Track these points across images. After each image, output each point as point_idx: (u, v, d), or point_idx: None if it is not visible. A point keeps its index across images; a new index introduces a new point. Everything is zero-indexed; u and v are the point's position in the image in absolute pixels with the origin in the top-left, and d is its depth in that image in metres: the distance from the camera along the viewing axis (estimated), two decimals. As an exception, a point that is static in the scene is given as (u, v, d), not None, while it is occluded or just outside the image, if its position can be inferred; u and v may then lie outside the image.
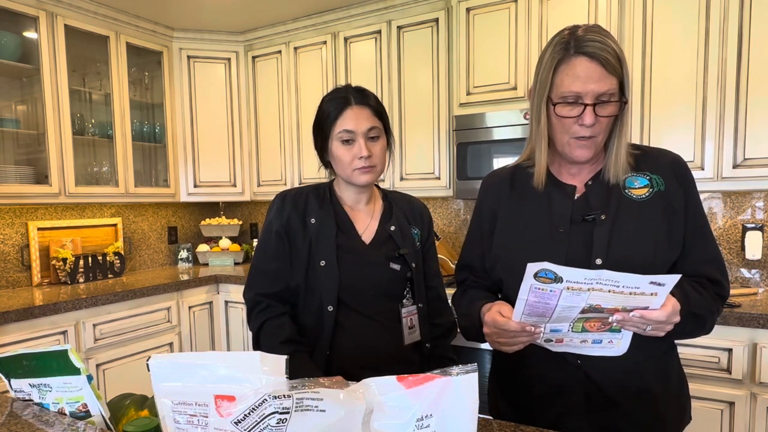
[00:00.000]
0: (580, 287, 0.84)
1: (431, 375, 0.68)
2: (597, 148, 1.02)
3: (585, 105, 0.96)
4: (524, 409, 1.12)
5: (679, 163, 1.06)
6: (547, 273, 0.84)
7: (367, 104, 1.23)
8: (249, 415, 0.65)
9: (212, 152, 3.46)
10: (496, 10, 2.52)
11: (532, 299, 0.88)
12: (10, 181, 2.57)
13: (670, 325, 0.92)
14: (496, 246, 1.13)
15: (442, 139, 2.81)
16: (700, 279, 1.03)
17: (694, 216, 1.04)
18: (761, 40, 2.02)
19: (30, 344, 2.26)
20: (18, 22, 2.62)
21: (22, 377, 0.92)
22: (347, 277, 1.22)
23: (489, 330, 1.00)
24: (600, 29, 0.99)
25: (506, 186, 1.16)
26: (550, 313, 0.90)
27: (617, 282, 0.83)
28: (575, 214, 1.05)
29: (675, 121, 2.18)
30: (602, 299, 0.86)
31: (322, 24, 3.14)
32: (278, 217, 1.27)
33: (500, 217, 1.14)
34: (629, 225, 1.01)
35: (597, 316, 0.91)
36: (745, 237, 2.32)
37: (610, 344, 0.97)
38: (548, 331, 0.95)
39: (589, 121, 0.97)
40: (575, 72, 0.96)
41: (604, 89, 0.95)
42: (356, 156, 1.21)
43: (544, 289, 0.86)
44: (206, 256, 3.66)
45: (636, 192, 1.04)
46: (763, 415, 1.86)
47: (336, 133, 1.23)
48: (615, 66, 0.96)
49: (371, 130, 1.22)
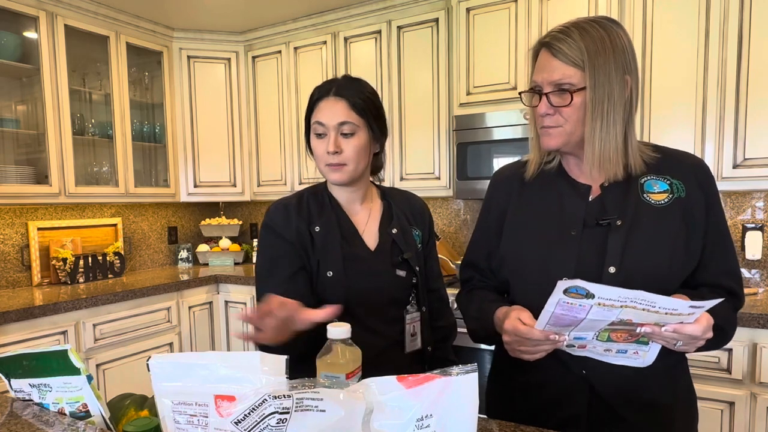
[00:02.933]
0: (612, 304, 0.80)
1: (431, 375, 0.68)
2: (568, 137, 0.99)
3: (541, 94, 0.98)
4: (522, 417, 1.07)
5: (702, 169, 1.02)
6: (579, 289, 0.79)
7: (344, 96, 1.14)
8: (249, 415, 0.65)
9: (212, 152, 3.46)
10: (496, 10, 2.52)
11: (559, 312, 0.83)
12: (10, 181, 2.57)
13: (702, 341, 0.87)
14: (504, 246, 1.09)
15: (442, 139, 2.81)
16: (719, 290, 0.99)
17: (716, 225, 1.00)
18: (761, 41, 2.02)
19: (30, 344, 2.26)
20: (18, 22, 2.62)
21: (22, 377, 0.92)
22: (355, 287, 1.17)
23: (509, 338, 0.95)
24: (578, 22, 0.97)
25: (516, 182, 1.12)
26: (576, 323, 0.85)
27: (654, 303, 0.79)
28: (589, 217, 1.00)
29: (675, 121, 2.18)
30: (635, 315, 0.82)
31: (322, 24, 3.14)
32: (286, 225, 1.19)
33: (509, 215, 1.10)
34: (646, 233, 0.97)
35: (625, 329, 0.87)
36: (745, 237, 2.32)
37: (635, 355, 0.93)
38: (572, 338, 0.91)
39: (541, 110, 0.98)
40: (538, 63, 1.00)
41: (554, 78, 0.95)
42: (325, 150, 1.15)
43: (573, 303, 0.81)
44: (206, 256, 3.66)
45: (655, 197, 0.99)
46: (763, 415, 1.86)
47: (312, 124, 1.19)
48: (572, 56, 0.94)
49: (343, 125, 1.14)
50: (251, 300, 3.10)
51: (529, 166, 1.10)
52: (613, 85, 0.94)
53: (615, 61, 0.94)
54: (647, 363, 0.94)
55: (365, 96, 1.17)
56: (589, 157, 0.98)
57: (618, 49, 0.95)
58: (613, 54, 0.94)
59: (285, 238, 1.18)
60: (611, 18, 0.99)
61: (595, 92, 0.94)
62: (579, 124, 0.97)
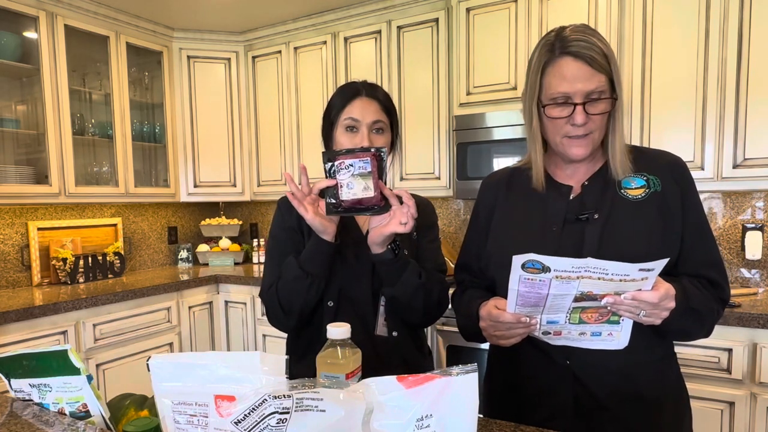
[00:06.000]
0: (568, 275, 0.84)
1: (431, 375, 0.68)
2: (594, 145, 1.03)
3: (575, 104, 0.98)
4: (513, 410, 1.11)
5: (677, 164, 1.06)
6: (534, 263, 0.84)
7: (376, 98, 1.24)
8: (249, 415, 0.65)
9: (212, 152, 3.46)
10: (496, 10, 2.52)
11: (522, 289, 0.88)
12: (10, 181, 2.57)
13: (666, 312, 0.90)
14: (490, 244, 1.14)
15: (442, 139, 2.81)
16: (701, 280, 1.02)
17: (693, 217, 1.03)
18: (761, 40, 2.02)
19: (30, 344, 2.26)
20: (18, 22, 2.62)
21: (22, 377, 0.92)
22: (347, 270, 1.23)
23: (485, 323, 1.01)
24: (586, 28, 0.99)
25: (503, 187, 1.17)
26: (542, 302, 0.90)
27: (605, 269, 0.83)
28: (569, 214, 1.05)
29: (675, 122, 2.18)
30: (593, 286, 0.86)
31: (322, 24, 3.14)
32: (289, 216, 1.27)
33: (495, 217, 1.15)
34: (622, 224, 1.01)
35: (592, 305, 0.91)
36: (745, 237, 2.32)
37: (609, 336, 0.96)
38: (545, 323, 0.95)
39: (580, 120, 0.98)
40: (562, 72, 0.98)
41: (591, 87, 0.97)
42: (357, 145, 1.20)
43: (533, 279, 0.86)
44: (206, 256, 3.66)
45: (632, 192, 1.04)
46: (763, 415, 1.86)
47: (342, 120, 1.24)
48: (602, 63, 0.97)
49: (376, 123, 1.23)
50: (251, 300, 3.10)
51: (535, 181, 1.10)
52: (622, 88, 1.01)
53: None
54: (623, 344, 0.97)
55: (389, 99, 1.28)
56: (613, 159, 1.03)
57: None
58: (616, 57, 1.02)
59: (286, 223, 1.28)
60: None
61: (621, 96, 0.99)
62: (603, 129, 1.02)
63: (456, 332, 2.35)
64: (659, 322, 0.92)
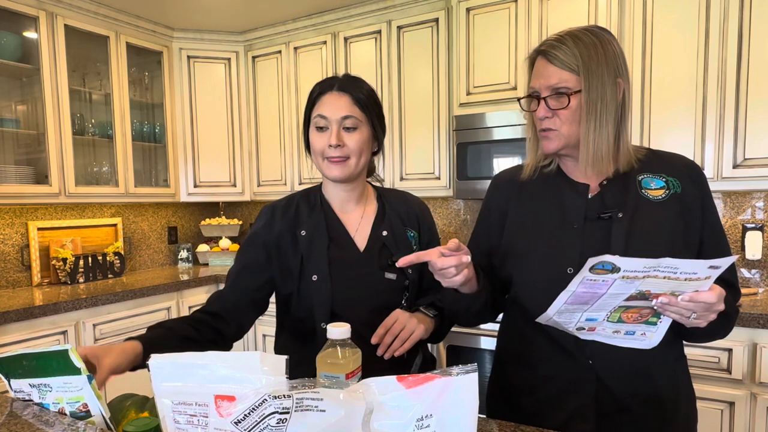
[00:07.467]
0: (635, 275, 0.82)
1: (431, 375, 0.68)
2: (566, 140, 1.03)
3: (539, 99, 1.03)
4: (528, 412, 1.08)
5: (694, 168, 1.07)
6: (605, 265, 0.81)
7: (348, 92, 1.15)
8: (249, 415, 0.65)
9: (212, 152, 3.46)
10: (496, 10, 2.52)
11: (580, 290, 0.86)
12: (10, 181, 2.57)
13: (714, 314, 0.89)
14: (506, 241, 1.12)
15: (442, 139, 2.81)
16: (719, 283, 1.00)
17: (711, 221, 1.04)
18: (761, 40, 2.02)
19: (30, 344, 2.26)
20: (18, 22, 2.62)
21: (22, 377, 0.91)
22: (341, 292, 1.15)
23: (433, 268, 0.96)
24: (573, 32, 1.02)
25: (516, 185, 1.16)
26: (594, 301, 0.88)
27: (676, 268, 0.81)
28: (590, 212, 1.05)
29: (675, 121, 2.18)
30: (654, 285, 0.84)
31: (322, 24, 3.14)
32: (268, 230, 1.21)
33: (510, 215, 1.14)
34: (647, 224, 1.01)
35: (638, 305, 0.89)
36: (745, 237, 2.32)
37: (642, 336, 0.96)
38: (584, 320, 0.94)
39: (540, 114, 1.03)
40: (535, 70, 1.06)
41: (552, 82, 1.01)
42: (327, 144, 1.15)
43: (596, 280, 0.84)
44: (206, 256, 3.66)
45: (653, 193, 1.04)
46: (763, 415, 1.86)
47: (312, 118, 1.18)
48: (566, 61, 0.99)
49: (346, 119, 1.14)
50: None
51: (525, 168, 1.14)
52: (605, 88, 1.00)
53: (607, 66, 0.99)
54: (653, 344, 0.97)
55: (367, 92, 1.18)
56: (584, 155, 1.03)
57: (609, 54, 1.00)
58: (605, 59, 0.99)
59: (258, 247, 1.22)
60: (602, 27, 1.05)
61: (589, 94, 0.99)
62: (575, 126, 1.03)
63: (456, 332, 2.35)
64: (705, 324, 0.91)
